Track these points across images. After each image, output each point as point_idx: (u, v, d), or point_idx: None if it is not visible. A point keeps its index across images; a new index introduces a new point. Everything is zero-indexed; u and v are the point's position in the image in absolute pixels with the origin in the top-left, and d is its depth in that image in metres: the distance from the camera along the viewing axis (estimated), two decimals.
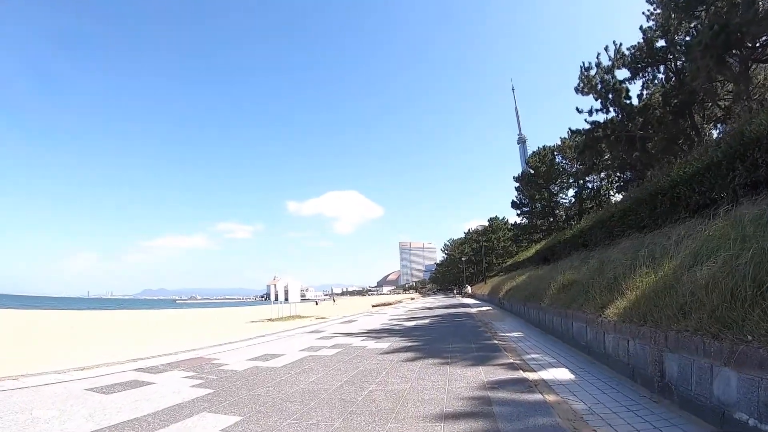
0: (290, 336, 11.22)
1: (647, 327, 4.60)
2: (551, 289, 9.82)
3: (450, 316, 16.67)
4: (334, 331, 12.13)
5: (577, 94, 26.29)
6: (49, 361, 6.91)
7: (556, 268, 14.60)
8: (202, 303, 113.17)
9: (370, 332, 11.43)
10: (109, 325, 18.54)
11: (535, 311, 11.09)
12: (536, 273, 17.99)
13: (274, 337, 11.16)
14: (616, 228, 11.37)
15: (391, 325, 13.36)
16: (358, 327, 13.19)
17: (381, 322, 14.73)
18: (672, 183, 8.68)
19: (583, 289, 7.72)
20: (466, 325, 12.02)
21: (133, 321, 22.50)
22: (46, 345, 9.84)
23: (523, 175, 44.53)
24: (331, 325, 14.64)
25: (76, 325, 17.81)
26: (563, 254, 18.22)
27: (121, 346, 9.46)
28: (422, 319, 15.75)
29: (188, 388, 5.15)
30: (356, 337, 10.19)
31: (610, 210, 14.10)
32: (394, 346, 8.21)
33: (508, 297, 17.27)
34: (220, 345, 9.48)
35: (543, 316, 10.00)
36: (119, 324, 19.20)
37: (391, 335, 10.41)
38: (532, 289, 12.34)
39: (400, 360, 6.60)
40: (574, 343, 7.38)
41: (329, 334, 11.15)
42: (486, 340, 8.71)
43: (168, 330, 15.65)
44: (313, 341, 9.72)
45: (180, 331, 15.23)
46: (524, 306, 12.71)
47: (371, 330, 12.07)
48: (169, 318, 26.51)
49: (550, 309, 9.18)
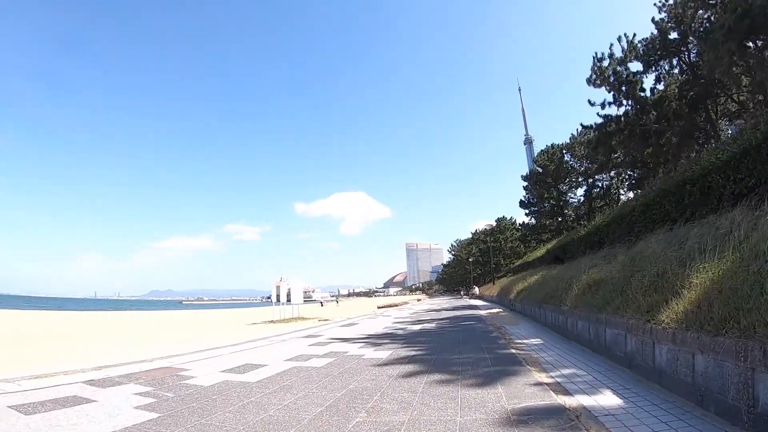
0: (283, 341, 10.10)
1: (729, 337, 3.39)
2: (574, 290, 8.58)
3: (458, 318, 15.44)
4: (331, 335, 10.99)
5: (589, 85, 25.04)
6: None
7: (572, 267, 13.42)
8: (209, 304, 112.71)
9: (370, 337, 10.26)
10: (103, 326, 17.59)
11: (553, 314, 9.84)
12: (550, 273, 16.72)
13: (266, 342, 10.04)
14: (638, 223, 10.20)
15: (394, 329, 12.18)
16: (358, 331, 12.03)
17: (384, 326, 13.56)
18: (703, 171, 7.60)
19: (617, 289, 6.49)
20: (477, 330, 10.80)
21: (130, 322, 21.57)
22: (12, 349, 8.79)
23: (532, 173, 43.14)
24: (330, 328, 13.50)
25: (67, 326, 16.88)
26: (577, 253, 16.98)
27: (95, 351, 8.42)
28: (428, 322, 14.54)
29: (130, 409, 4.05)
30: (354, 344, 9.02)
31: (629, 204, 12.87)
32: (394, 356, 7.03)
33: (520, 299, 16.00)
34: (202, 351, 8.39)
35: (564, 320, 8.75)
36: (113, 326, 18.25)
37: (393, 341, 9.23)
38: (549, 290, 11.09)
39: (399, 375, 5.42)
40: (607, 353, 6.15)
41: (325, 340, 10.01)
42: (501, 348, 7.49)
43: (160, 332, 14.63)
44: (305, 348, 8.57)
45: (173, 333, 14.21)
46: (540, 308, 11.47)
47: (372, 335, 10.90)
48: (169, 320, 25.63)
49: (574, 312, 7.94)
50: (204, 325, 19.81)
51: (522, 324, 11.70)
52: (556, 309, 9.40)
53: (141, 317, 29.41)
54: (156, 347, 8.94)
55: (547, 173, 41.20)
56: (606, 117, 24.49)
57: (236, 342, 10.07)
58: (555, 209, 43.06)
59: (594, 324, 6.76)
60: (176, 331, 15.62)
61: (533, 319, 12.59)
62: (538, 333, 9.53)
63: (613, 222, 13.28)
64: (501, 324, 11.79)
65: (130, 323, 20.88)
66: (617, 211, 13.75)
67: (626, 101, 24.30)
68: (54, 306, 56.13)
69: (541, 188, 41.96)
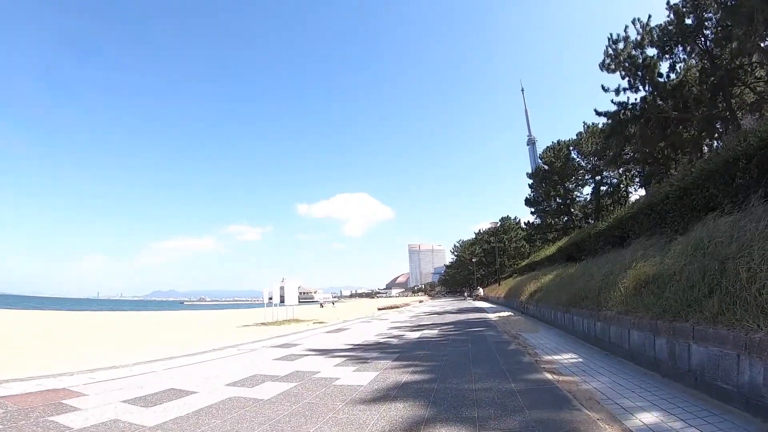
0: (252, 350, 8.03)
1: None
2: (618, 290, 6.46)
3: (464, 324, 13.27)
4: (310, 345, 8.88)
5: (602, 71, 22.93)
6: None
7: (594, 265, 11.37)
8: (210, 305, 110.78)
9: (356, 349, 8.16)
10: (80, 327, 15.58)
11: (586, 321, 7.69)
12: (566, 272, 14.60)
13: (228, 353, 7.94)
14: (671, 213, 8.36)
15: (389, 337, 10.08)
16: (344, 339, 9.92)
17: (378, 332, 11.45)
18: (763, 143, 5.63)
19: (703, 287, 4.39)
20: (489, 340, 8.64)
21: (107, 323, 19.65)
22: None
23: (537, 170, 40.99)
24: (315, 335, 11.40)
25: (43, 327, 14.82)
26: (595, 250, 14.88)
27: (22, 358, 6.40)
28: (430, 327, 12.39)
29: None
30: (332, 358, 6.92)
31: (661, 191, 10.77)
32: (380, 383, 4.91)
33: (534, 300, 13.86)
34: (140, 364, 6.33)
35: (604, 328, 6.62)
36: (82, 327, 16.20)
37: (384, 355, 7.12)
38: (576, 291, 8.95)
39: (383, 423, 3.35)
40: (696, 382, 4.04)
41: (300, 351, 7.91)
42: (529, 370, 5.33)
43: (128, 335, 12.62)
44: (267, 364, 6.48)
45: (143, 335, 12.24)
46: (564, 313, 9.32)
47: (359, 345, 8.79)
48: (156, 321, 23.70)
49: (624, 320, 5.81)
50: (189, 327, 17.88)
51: (542, 331, 9.55)
52: (591, 314, 7.27)
53: (127, 318, 27.68)
54: (85, 355, 6.90)
55: (554, 170, 39.10)
56: (621, 104, 22.39)
57: (196, 351, 8.03)
58: (561, 208, 40.93)
59: (665, 337, 4.64)
60: (151, 332, 13.69)
61: (554, 325, 10.45)
62: (567, 345, 7.40)
63: (640, 213, 11.28)
64: (517, 332, 9.64)
65: (107, 324, 18.98)
66: (643, 201, 11.69)
67: (643, 87, 22.23)
68: (51, 306, 54.48)
69: (547, 185, 39.84)
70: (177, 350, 8.26)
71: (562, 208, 40.81)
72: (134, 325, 19.01)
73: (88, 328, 15.30)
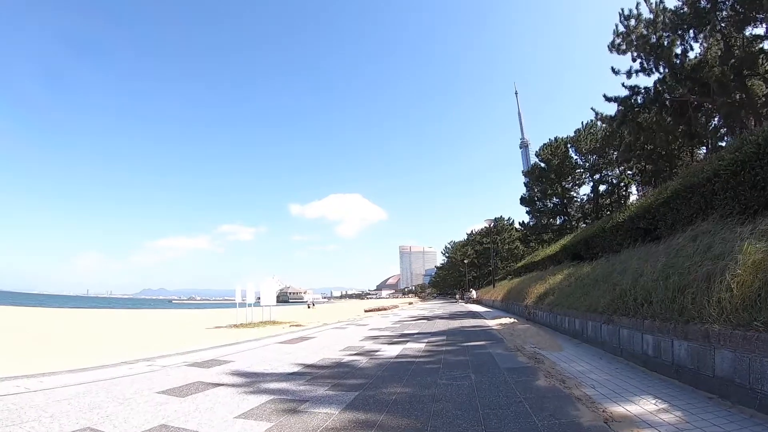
0: (143, 373, 5.18)
1: None
2: (722, 291, 3.77)
3: (460, 333, 10.42)
4: (239, 366, 5.98)
5: (611, 52, 20.40)
6: None
7: (618, 263, 8.83)
8: (199, 304, 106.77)
9: (301, 376, 5.31)
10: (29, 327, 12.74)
11: (649, 337, 4.95)
12: (579, 271, 11.93)
13: (110, 374, 5.06)
14: (718, 196, 6.39)
15: (358, 353, 7.27)
16: (297, 355, 7.06)
17: (346, 344, 8.59)
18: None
19: None
20: (499, 363, 5.80)
21: (78, 322, 17.68)
22: None
23: (534, 168, 38.49)
24: (263, 346, 8.54)
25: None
26: (611, 247, 12.30)
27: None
28: (415, 338, 9.54)
29: None
30: (252, 395, 4.10)
31: (705, 171, 8.18)
32: None
33: (545, 305, 11.10)
34: None
35: (704, 354, 3.88)
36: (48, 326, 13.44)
37: (334, 395, 4.29)
38: (618, 294, 6.18)
39: None
40: None
41: (217, 376, 5.04)
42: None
43: (69, 336, 9.76)
44: (141, 399, 3.63)
45: (72, 338, 9.46)
46: (603, 324, 6.54)
47: (311, 367, 5.95)
48: (120, 320, 21.42)
49: (755, 341, 3.12)
50: (147, 328, 15.55)
51: (569, 349, 6.75)
52: (665, 328, 4.54)
53: (99, 316, 25.47)
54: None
55: (551, 168, 36.66)
56: (632, 88, 19.88)
57: (80, 367, 5.25)
58: (558, 208, 38.51)
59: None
60: (85, 335, 11.02)
61: (579, 338, 7.70)
62: (628, 377, 4.60)
63: (675, 197, 8.76)
64: (533, 348, 6.84)
65: (70, 322, 17.19)
66: (680, 183, 9.09)
67: (656, 69, 19.77)
68: (32, 303, 51.32)
69: (544, 184, 37.38)
70: (60, 363, 5.55)
71: (558, 208, 38.39)
72: (83, 325, 16.54)
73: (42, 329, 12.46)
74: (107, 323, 18.56)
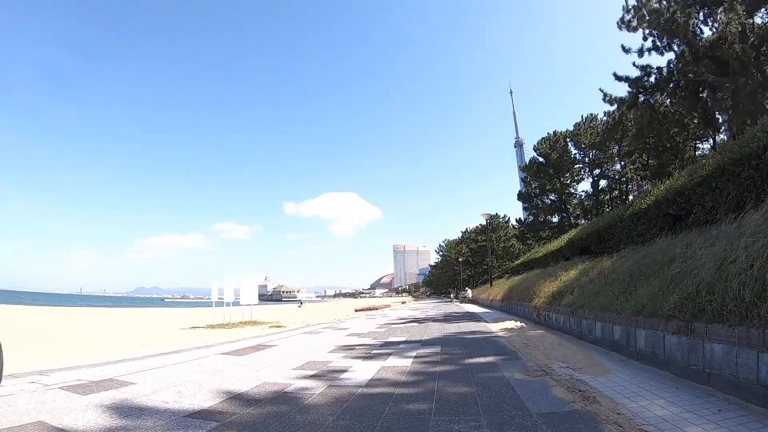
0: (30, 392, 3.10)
1: None
2: None
3: (457, 343, 8.20)
4: (125, 396, 3.89)
5: (621, 29, 18.47)
6: None
7: (657, 253, 6.85)
8: (192, 302, 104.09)
9: (197, 425, 3.25)
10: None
11: (763, 357, 2.97)
12: (598, 266, 9.92)
13: None
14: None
15: (314, 376, 5.14)
16: (224, 379, 4.90)
17: (307, 360, 6.36)
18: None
19: None
20: (523, 398, 3.52)
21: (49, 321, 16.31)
22: None
23: (531, 163, 36.62)
24: (199, 359, 6.41)
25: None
26: (630, 237, 10.34)
27: None
28: (400, 350, 7.34)
29: None
30: None
31: (750, 145, 6.23)
32: None
33: (564, 307, 8.94)
34: None
35: None
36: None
37: None
38: (694, 289, 4.13)
39: None
40: None
41: (56, 424, 2.99)
42: None
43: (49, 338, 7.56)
44: None
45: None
46: (664, 333, 4.45)
47: (228, 405, 3.86)
48: (98, 319, 20.22)
49: None
50: (119, 328, 14.29)
51: (617, 370, 4.60)
52: None
53: (75, 314, 24.26)
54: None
55: (549, 163, 34.79)
56: (644, 68, 17.95)
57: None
58: (556, 204, 36.66)
59: None
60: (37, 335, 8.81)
61: (617, 350, 5.63)
62: (751, 428, 2.60)
63: (711, 178, 6.83)
64: (567, 371, 4.69)
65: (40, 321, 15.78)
66: (718, 162, 7.12)
67: (669, 47, 17.87)
68: (21, 301, 49.18)
69: (542, 179, 35.49)
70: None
71: (557, 205, 36.54)
72: (65, 321, 15.60)
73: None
74: (58, 321, 16.66)
